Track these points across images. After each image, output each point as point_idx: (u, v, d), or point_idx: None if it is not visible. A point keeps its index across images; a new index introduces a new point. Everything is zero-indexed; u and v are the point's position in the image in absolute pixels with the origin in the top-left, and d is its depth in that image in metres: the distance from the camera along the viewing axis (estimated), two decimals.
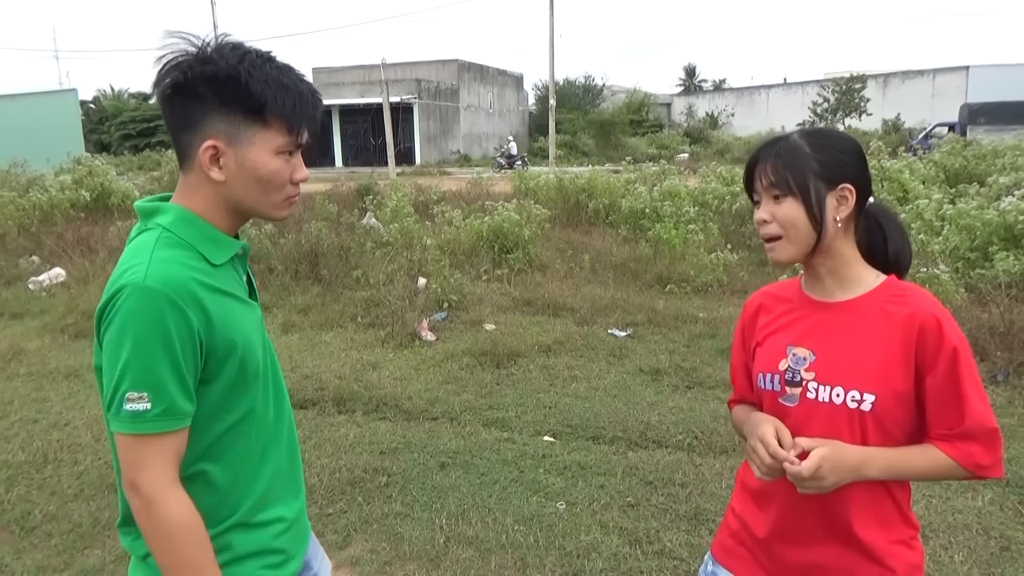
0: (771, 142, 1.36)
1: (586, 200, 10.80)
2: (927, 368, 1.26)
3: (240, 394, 1.25)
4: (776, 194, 1.32)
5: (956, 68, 39.78)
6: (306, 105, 1.23)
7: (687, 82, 63.58)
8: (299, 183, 1.29)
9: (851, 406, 1.28)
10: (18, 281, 8.10)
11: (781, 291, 1.48)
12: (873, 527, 1.32)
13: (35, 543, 3.11)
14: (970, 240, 6.37)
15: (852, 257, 1.36)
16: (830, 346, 1.33)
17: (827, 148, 1.32)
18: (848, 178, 1.31)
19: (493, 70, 41.72)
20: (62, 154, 15.97)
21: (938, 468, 1.29)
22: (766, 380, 1.39)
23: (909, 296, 1.31)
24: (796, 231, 1.31)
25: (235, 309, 1.25)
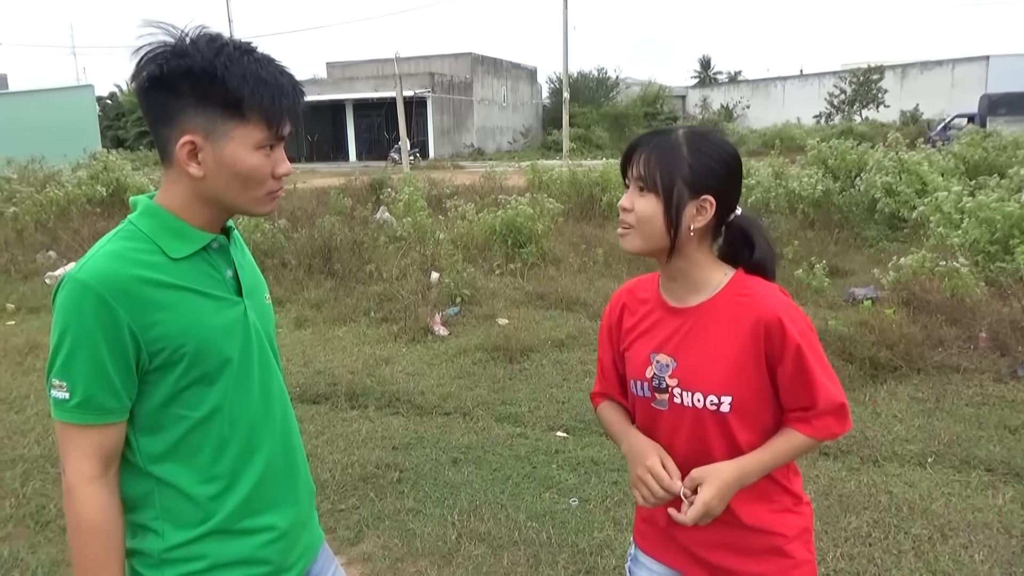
0: (656, 133, 1.39)
1: (600, 193, 10.74)
2: (776, 362, 1.34)
3: (202, 392, 1.21)
4: (641, 187, 1.35)
5: (976, 58, 39.18)
6: (285, 98, 1.19)
7: (702, 74, 63.10)
8: (281, 177, 1.25)
9: (711, 408, 1.36)
10: (35, 276, 8.18)
11: (642, 291, 1.52)
12: (751, 503, 1.40)
13: (50, 537, 3.13)
14: (990, 233, 6.26)
15: (703, 261, 1.40)
16: (687, 352, 1.39)
17: (703, 155, 1.34)
18: (712, 190, 1.34)
19: (507, 63, 41.61)
20: (79, 150, 16.10)
21: (802, 447, 1.38)
22: (638, 387, 1.45)
23: (753, 295, 1.37)
24: (649, 228, 1.35)
25: (191, 304, 1.20)
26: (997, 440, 3.78)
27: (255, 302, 1.33)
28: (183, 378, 1.20)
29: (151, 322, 1.15)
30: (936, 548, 2.88)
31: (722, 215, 1.37)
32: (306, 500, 1.42)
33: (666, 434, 1.43)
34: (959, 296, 5.38)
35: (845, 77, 37.98)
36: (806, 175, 9.77)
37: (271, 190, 1.25)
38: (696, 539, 1.45)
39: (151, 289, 1.16)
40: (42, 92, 28.08)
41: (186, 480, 1.23)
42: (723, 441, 1.38)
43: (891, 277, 5.83)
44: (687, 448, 1.40)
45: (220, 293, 1.26)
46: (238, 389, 1.26)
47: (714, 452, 1.38)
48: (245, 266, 1.34)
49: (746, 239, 1.41)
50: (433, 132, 35.16)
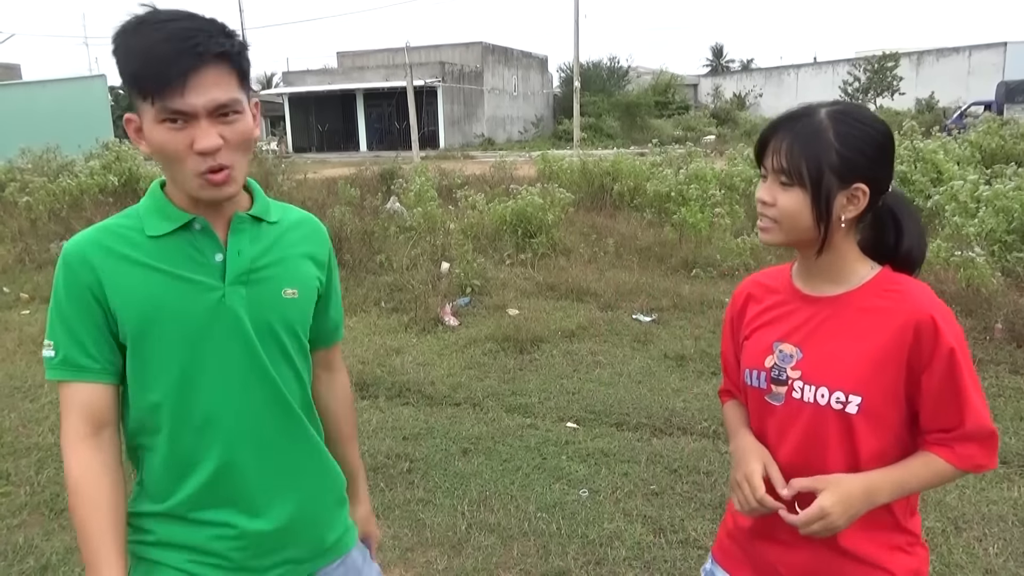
0: (794, 116, 1.24)
1: (611, 183, 10.68)
2: (922, 368, 1.20)
3: (156, 372, 1.21)
4: (784, 181, 1.22)
5: (993, 44, 38.64)
6: (159, 64, 1.08)
7: (714, 62, 62.64)
8: (205, 153, 1.12)
9: (835, 408, 1.22)
10: (49, 265, 8.22)
11: (771, 280, 1.41)
12: (861, 536, 1.26)
13: (64, 525, 3.15)
14: (1007, 222, 6.18)
15: (849, 252, 1.27)
16: (817, 344, 1.26)
17: (853, 139, 1.19)
18: (865, 177, 1.20)
19: (517, 52, 41.41)
20: (92, 139, 16.16)
21: (939, 476, 1.24)
22: (753, 376, 1.34)
23: (904, 291, 1.23)
24: (795, 223, 1.23)
25: (152, 283, 1.19)
26: (1013, 432, 3.74)
27: (256, 290, 1.25)
28: (137, 354, 1.21)
29: (112, 292, 1.19)
30: (950, 541, 2.86)
31: (873, 200, 1.23)
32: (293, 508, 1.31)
33: (775, 433, 1.29)
34: (975, 286, 5.32)
35: (859, 64, 37.54)
36: None
37: (197, 170, 1.14)
38: (788, 562, 1.31)
39: (116, 261, 1.19)
40: (55, 82, 28.18)
41: (152, 456, 1.25)
42: (842, 448, 1.23)
43: None
44: (797, 451, 1.27)
45: (195, 275, 1.21)
46: (195, 377, 1.22)
47: (828, 460, 1.24)
48: (251, 253, 1.26)
49: (895, 222, 1.27)
50: (443, 122, 35.08)
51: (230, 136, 1.15)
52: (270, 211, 1.33)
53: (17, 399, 4.60)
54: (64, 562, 2.89)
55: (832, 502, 1.17)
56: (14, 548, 2.98)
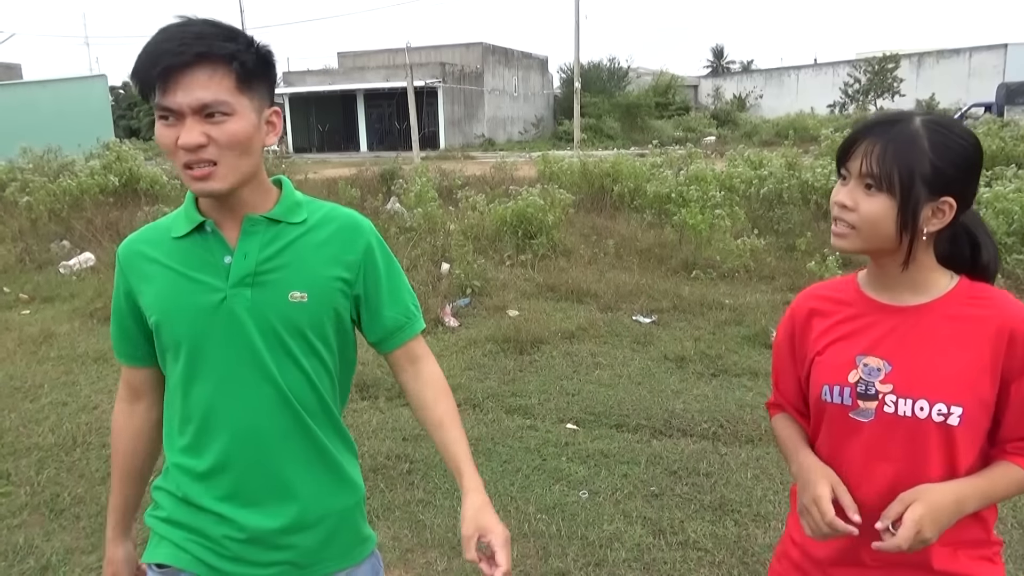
0: (889, 121, 1.19)
1: (611, 184, 10.68)
2: (1013, 376, 1.18)
3: (169, 365, 1.34)
4: (870, 184, 1.18)
5: (993, 46, 38.66)
6: (153, 65, 1.14)
7: (714, 63, 62.68)
8: (187, 149, 1.16)
9: (937, 420, 1.18)
10: (49, 265, 8.24)
11: (835, 292, 1.35)
12: (955, 554, 1.24)
13: (64, 525, 3.16)
14: (1007, 224, 6.20)
15: (928, 262, 1.24)
16: (908, 355, 1.22)
17: (947, 151, 1.16)
18: (954, 191, 1.17)
19: (518, 53, 41.43)
20: (92, 139, 16.16)
21: (1020, 486, 1.22)
22: (833, 393, 1.26)
23: (992, 299, 1.21)
24: (875, 231, 1.19)
25: (165, 282, 1.29)
26: None
27: (261, 293, 1.26)
28: (158, 347, 1.35)
29: (138, 292, 1.32)
30: None
31: (957, 215, 1.20)
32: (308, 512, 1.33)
33: (865, 451, 1.24)
34: None
35: (860, 66, 37.58)
36: (819, 165, 9.69)
37: (183, 162, 1.18)
38: None
39: (143, 261, 1.31)
40: (56, 82, 28.19)
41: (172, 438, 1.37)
42: (943, 463, 1.19)
43: None
44: (894, 469, 1.21)
45: (202, 276, 1.27)
46: (196, 374, 1.29)
47: (928, 475, 1.19)
48: (259, 256, 1.26)
49: (971, 237, 1.25)
50: (444, 122, 35.09)
51: (216, 135, 1.16)
52: (295, 211, 1.32)
53: (17, 399, 4.60)
54: (64, 562, 2.89)
55: (922, 514, 1.14)
56: (14, 548, 2.98)
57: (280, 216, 1.30)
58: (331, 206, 1.39)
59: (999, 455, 1.22)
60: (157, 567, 1.34)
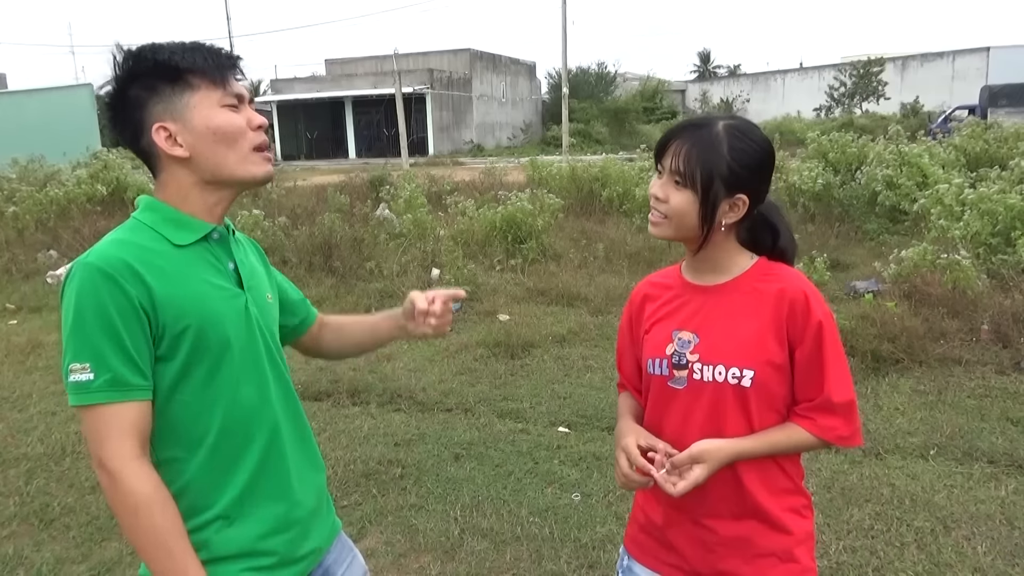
0: (695, 124, 1.36)
1: (599, 189, 10.71)
2: (797, 341, 1.33)
3: (204, 377, 1.22)
4: (678, 180, 1.34)
5: (976, 49, 39.10)
6: (216, 56, 1.25)
7: (701, 68, 63.00)
8: (260, 129, 1.28)
9: (732, 383, 1.34)
10: (36, 275, 8.18)
11: (663, 279, 1.53)
12: (767, 495, 1.37)
13: (54, 535, 3.13)
14: (992, 225, 6.25)
15: (730, 247, 1.41)
16: (711, 327, 1.38)
17: (743, 153, 1.32)
18: (748, 189, 1.34)
19: (505, 59, 41.53)
20: (78, 148, 16.06)
21: (801, 445, 1.36)
22: (655, 365, 1.43)
23: (779, 274, 1.38)
24: (683, 221, 1.35)
25: (195, 287, 1.24)
26: (999, 432, 3.78)
27: (256, 296, 1.35)
28: (186, 365, 1.21)
29: (158, 300, 1.17)
30: (939, 540, 2.89)
31: (751, 209, 1.38)
32: (315, 493, 1.42)
33: (680, 415, 1.39)
34: (961, 289, 5.38)
35: (845, 70, 37.93)
36: (806, 168, 9.76)
37: (254, 143, 1.27)
38: (698, 545, 1.41)
39: (156, 270, 1.19)
40: (41, 91, 28.02)
41: (187, 467, 1.24)
42: (739, 421, 1.35)
43: (892, 270, 5.83)
44: (701, 429, 1.36)
45: (222, 282, 1.29)
46: (239, 377, 1.27)
47: (728, 433, 1.35)
48: (246, 262, 1.37)
49: (769, 226, 1.42)
50: (432, 128, 35.10)
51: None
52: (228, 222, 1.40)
53: (5, 409, 4.57)
54: (54, 572, 2.87)
55: (703, 476, 1.31)
56: (3, 559, 2.95)
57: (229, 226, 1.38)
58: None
59: (791, 416, 1.37)
60: None
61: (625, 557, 1.56)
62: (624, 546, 1.58)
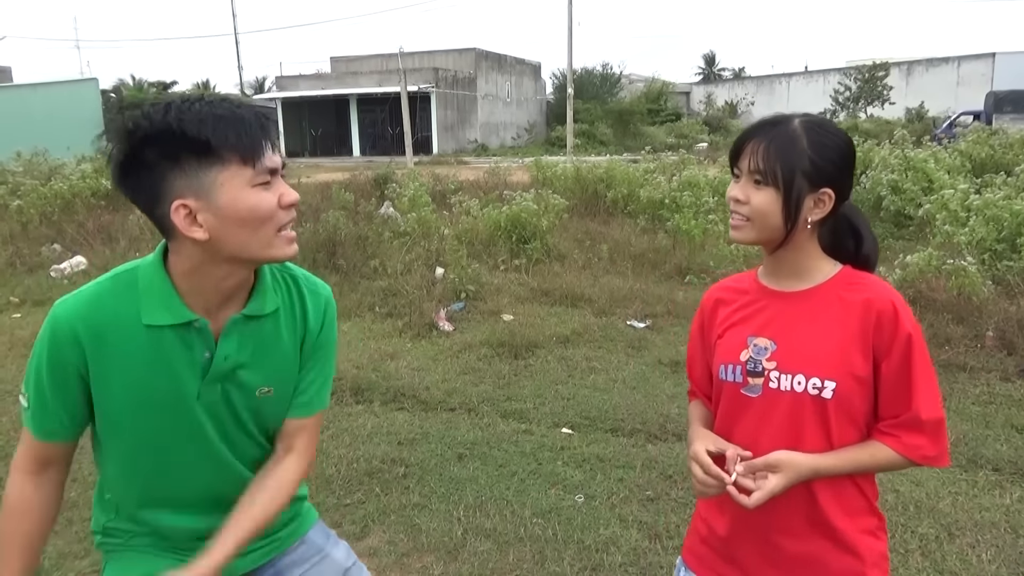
0: (771, 123, 1.33)
1: (604, 190, 10.70)
2: (883, 354, 1.28)
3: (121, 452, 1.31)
4: (758, 179, 1.30)
5: (982, 55, 39.01)
6: (250, 128, 1.14)
7: (706, 71, 62.93)
8: (290, 207, 1.20)
9: (812, 393, 1.29)
10: (40, 269, 8.18)
11: (738, 283, 1.49)
12: (841, 515, 1.32)
13: (56, 530, 3.11)
14: (997, 231, 6.24)
15: (813, 251, 1.36)
16: (790, 335, 1.33)
17: (824, 147, 1.29)
18: (832, 183, 1.30)
19: (511, 59, 41.52)
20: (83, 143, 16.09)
21: (883, 464, 1.31)
22: (728, 371, 1.38)
23: (866, 283, 1.33)
24: (766, 221, 1.31)
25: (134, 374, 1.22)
26: (1004, 439, 3.77)
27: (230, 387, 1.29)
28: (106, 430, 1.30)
29: (95, 377, 1.23)
30: (943, 547, 2.88)
31: (836, 206, 1.32)
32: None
33: (753, 424, 1.34)
34: (966, 295, 5.36)
35: (850, 74, 37.86)
36: None
37: (281, 223, 1.19)
38: (762, 561, 1.36)
39: (105, 348, 1.21)
40: (46, 85, 28.06)
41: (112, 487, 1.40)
42: (818, 434, 1.29)
43: (897, 275, 5.81)
44: (776, 440, 1.30)
45: (179, 369, 1.24)
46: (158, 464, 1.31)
47: (805, 446, 1.29)
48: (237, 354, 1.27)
49: (852, 229, 1.37)
50: (437, 127, 35.10)
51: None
52: (267, 301, 1.31)
53: (8, 402, 4.57)
54: (57, 567, 2.87)
55: (780, 487, 1.25)
56: None
57: (256, 311, 1.29)
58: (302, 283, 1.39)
59: (873, 433, 1.31)
60: None
61: (682, 569, 1.51)
62: (681, 557, 1.53)
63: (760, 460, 1.27)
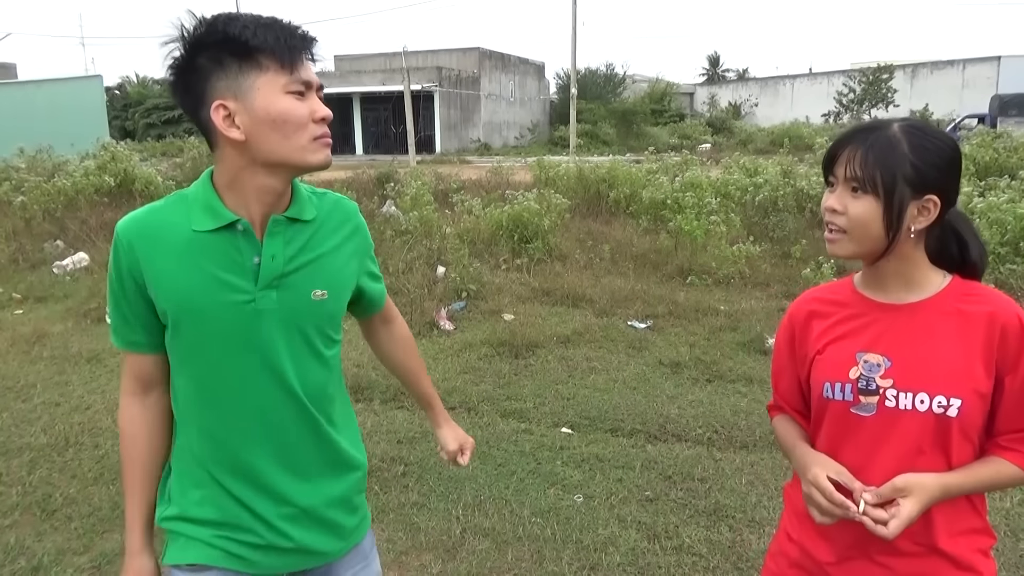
0: (868, 128, 1.25)
1: (607, 190, 10.69)
2: (1008, 369, 1.21)
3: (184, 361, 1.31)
4: (856, 187, 1.23)
5: (987, 58, 38.92)
6: (291, 37, 1.20)
7: (710, 71, 62.90)
8: (323, 120, 1.24)
9: (937, 412, 1.21)
10: (43, 265, 8.20)
11: (832, 294, 1.39)
12: (956, 534, 1.27)
13: (56, 526, 3.14)
14: (1000, 235, 6.22)
15: (920, 261, 1.28)
16: (907, 350, 1.25)
17: (926, 152, 1.21)
18: (937, 189, 1.21)
19: (514, 58, 41.50)
20: (87, 140, 16.10)
21: (1005, 480, 1.25)
22: (835, 390, 1.29)
23: (984, 295, 1.25)
24: (865, 232, 1.23)
25: (185, 276, 1.24)
26: None
27: (288, 295, 1.29)
28: (172, 340, 1.30)
29: (149, 280, 1.26)
30: None
31: (943, 213, 1.25)
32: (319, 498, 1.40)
33: (867, 445, 1.26)
34: None
35: (854, 76, 37.77)
36: (815, 174, 9.72)
37: (315, 135, 1.24)
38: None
39: (157, 251, 1.25)
40: (51, 82, 28.09)
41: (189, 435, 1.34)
42: (937, 453, 1.23)
43: None
44: (891, 460, 1.24)
45: (230, 276, 1.26)
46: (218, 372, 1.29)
47: (924, 466, 1.23)
48: (284, 257, 1.29)
49: (957, 236, 1.30)
50: (440, 126, 35.09)
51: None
52: (307, 208, 1.35)
53: (9, 399, 4.58)
54: (56, 563, 2.87)
55: (916, 511, 1.19)
56: (5, 548, 2.96)
57: (296, 215, 1.32)
58: (330, 196, 1.43)
59: (992, 448, 1.26)
60: (188, 567, 1.33)
61: None
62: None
63: (887, 487, 1.21)
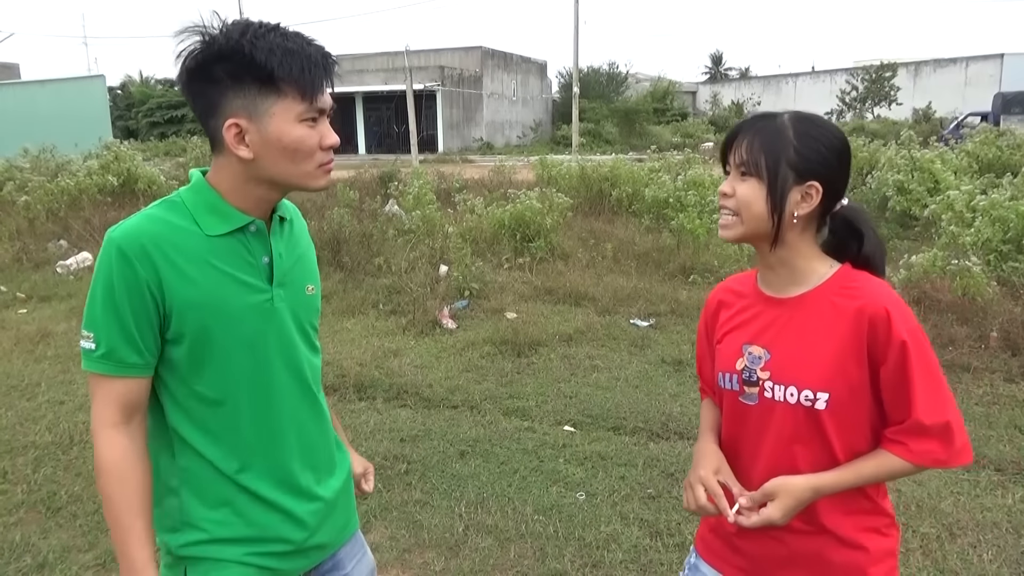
0: (759, 117, 1.32)
1: (609, 189, 10.69)
2: (879, 361, 1.24)
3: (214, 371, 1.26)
4: (744, 171, 1.29)
5: (990, 56, 38.86)
6: (315, 67, 1.20)
7: (713, 70, 62.80)
8: (330, 148, 1.26)
9: (805, 405, 1.27)
10: (46, 265, 8.22)
11: (739, 285, 1.47)
12: (841, 516, 1.32)
13: (60, 523, 3.15)
14: (1003, 232, 6.21)
15: (807, 251, 1.33)
16: (783, 344, 1.32)
17: (811, 139, 1.27)
18: (819, 176, 1.27)
19: (517, 57, 41.48)
20: (90, 139, 16.13)
21: (895, 471, 1.28)
22: (726, 379, 1.39)
23: (860, 287, 1.28)
24: (750, 213, 1.29)
25: (214, 281, 1.23)
26: (1007, 440, 3.76)
27: (292, 291, 1.34)
28: (193, 353, 1.24)
29: (171, 291, 1.20)
30: (944, 547, 2.88)
31: (828, 204, 1.30)
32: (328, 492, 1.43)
33: (754, 431, 1.34)
34: (970, 295, 5.35)
35: (857, 74, 37.73)
36: None
37: (321, 162, 1.26)
38: (767, 554, 1.37)
39: (174, 256, 1.21)
40: (54, 82, 28.16)
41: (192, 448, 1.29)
42: (815, 444, 1.28)
43: (902, 276, 5.80)
44: (775, 449, 1.31)
45: (248, 278, 1.28)
46: (249, 376, 1.29)
47: (804, 456, 1.29)
48: (286, 255, 1.34)
49: (853, 230, 1.33)
50: (442, 125, 35.10)
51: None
52: (286, 208, 1.39)
53: (14, 397, 4.60)
54: (61, 560, 2.89)
55: (778, 515, 1.26)
56: (11, 546, 2.98)
57: (284, 214, 1.38)
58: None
59: (881, 441, 1.29)
60: None
61: (693, 555, 1.54)
62: (694, 544, 1.55)
63: (759, 492, 1.28)
